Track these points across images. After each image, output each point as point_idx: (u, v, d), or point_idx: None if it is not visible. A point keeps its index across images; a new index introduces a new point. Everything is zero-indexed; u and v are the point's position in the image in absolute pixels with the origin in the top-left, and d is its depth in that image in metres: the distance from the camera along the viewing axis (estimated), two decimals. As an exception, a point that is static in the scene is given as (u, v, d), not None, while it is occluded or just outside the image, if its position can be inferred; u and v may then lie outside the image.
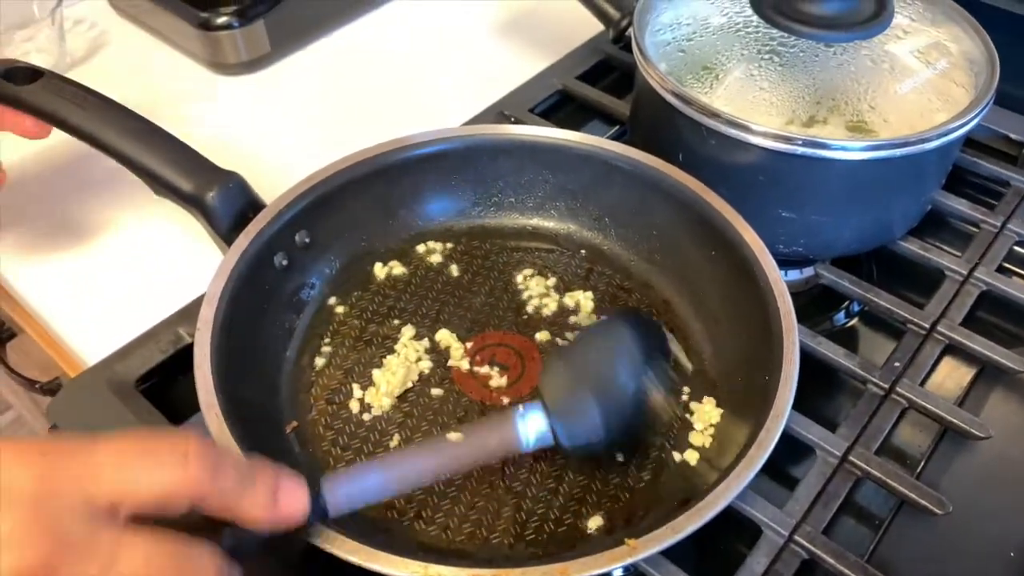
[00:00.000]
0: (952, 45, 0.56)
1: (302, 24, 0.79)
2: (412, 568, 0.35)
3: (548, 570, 0.35)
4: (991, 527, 0.47)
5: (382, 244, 0.57)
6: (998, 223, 0.59)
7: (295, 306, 0.53)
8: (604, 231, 0.57)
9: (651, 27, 0.58)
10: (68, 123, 0.51)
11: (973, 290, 0.55)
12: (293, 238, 0.52)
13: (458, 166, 0.57)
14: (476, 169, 0.57)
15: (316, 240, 0.53)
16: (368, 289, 0.55)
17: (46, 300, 0.57)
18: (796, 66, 0.53)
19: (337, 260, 0.55)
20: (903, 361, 0.51)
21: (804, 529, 0.43)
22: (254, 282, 0.49)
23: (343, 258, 0.55)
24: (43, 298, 0.57)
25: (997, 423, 0.49)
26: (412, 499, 0.45)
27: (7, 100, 0.52)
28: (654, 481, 0.45)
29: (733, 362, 0.48)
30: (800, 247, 0.55)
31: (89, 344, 0.54)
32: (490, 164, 0.57)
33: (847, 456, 0.46)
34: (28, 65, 0.53)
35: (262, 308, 0.50)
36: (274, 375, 0.50)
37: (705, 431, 0.47)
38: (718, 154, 0.53)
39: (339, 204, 0.54)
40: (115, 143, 0.51)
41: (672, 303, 0.53)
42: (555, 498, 0.45)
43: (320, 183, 0.53)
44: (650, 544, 0.36)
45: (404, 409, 0.49)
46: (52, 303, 0.57)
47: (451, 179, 0.57)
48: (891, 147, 0.49)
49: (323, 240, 0.54)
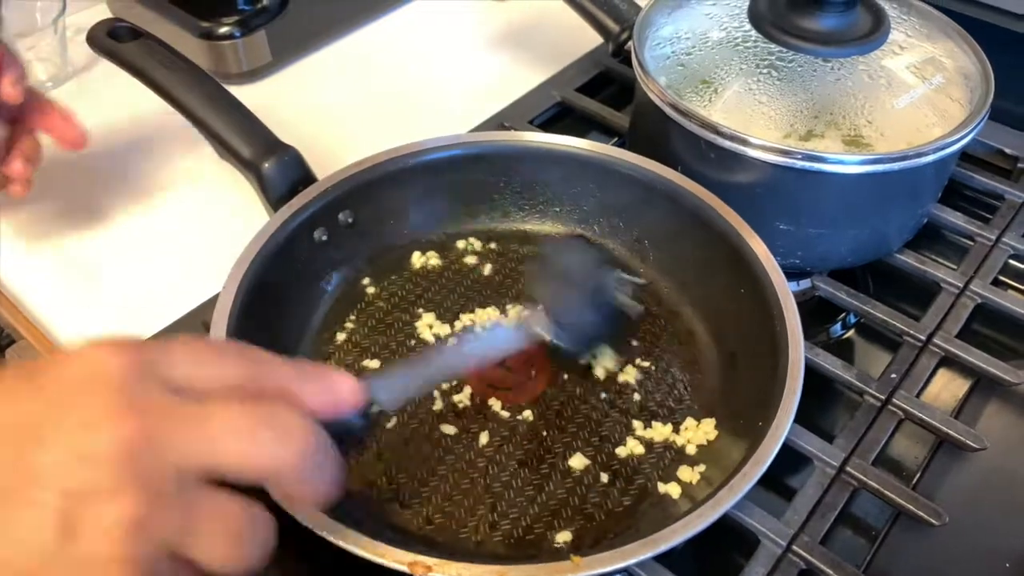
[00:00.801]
0: (947, 60, 0.57)
1: (303, 34, 0.79)
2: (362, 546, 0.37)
3: (487, 570, 0.36)
4: (987, 538, 0.47)
5: (424, 235, 0.58)
6: (993, 236, 0.60)
7: (327, 279, 0.55)
8: (642, 254, 0.57)
9: (651, 41, 0.58)
10: (155, 81, 0.56)
11: (968, 303, 0.56)
12: (336, 216, 0.54)
13: (506, 170, 0.58)
14: (524, 175, 0.58)
15: (359, 221, 0.55)
16: (402, 275, 0.57)
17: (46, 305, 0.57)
18: (794, 80, 0.53)
19: (378, 243, 0.57)
20: (899, 373, 0.52)
21: (802, 539, 0.44)
22: (290, 250, 0.51)
23: (384, 241, 0.57)
24: (43, 303, 0.57)
25: (993, 435, 0.50)
26: (394, 481, 0.46)
27: (109, 54, 0.57)
28: (633, 508, 0.45)
29: (741, 399, 0.48)
30: (797, 259, 0.55)
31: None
32: (539, 171, 0.58)
33: (844, 467, 0.47)
34: (131, 25, 0.58)
35: (294, 275, 0.52)
36: (294, 341, 0.52)
37: (695, 468, 0.46)
38: (716, 167, 0.53)
39: (387, 191, 0.56)
40: (191, 104, 0.55)
41: (695, 334, 0.53)
42: (531, 506, 0.45)
43: (372, 168, 0.55)
44: (593, 564, 0.37)
45: None
46: (52, 309, 0.57)
47: (499, 181, 0.59)
48: (888, 161, 0.50)
49: (366, 222, 0.56)
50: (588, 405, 0.50)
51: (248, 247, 0.50)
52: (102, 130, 0.71)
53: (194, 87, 0.55)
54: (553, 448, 0.48)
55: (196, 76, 0.56)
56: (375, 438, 0.48)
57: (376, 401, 0.37)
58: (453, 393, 0.50)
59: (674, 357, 0.52)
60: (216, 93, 0.55)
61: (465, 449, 0.47)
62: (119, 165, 0.68)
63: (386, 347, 0.53)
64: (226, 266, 0.49)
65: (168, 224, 0.61)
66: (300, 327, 0.53)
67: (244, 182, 0.54)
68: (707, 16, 0.59)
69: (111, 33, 0.58)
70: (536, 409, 0.49)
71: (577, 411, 0.49)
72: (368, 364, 0.51)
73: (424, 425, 0.48)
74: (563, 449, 0.47)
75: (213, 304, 0.47)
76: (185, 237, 0.62)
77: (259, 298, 0.48)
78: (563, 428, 0.48)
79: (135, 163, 0.68)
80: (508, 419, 0.49)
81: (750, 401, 0.47)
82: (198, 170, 0.67)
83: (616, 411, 0.49)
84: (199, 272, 0.59)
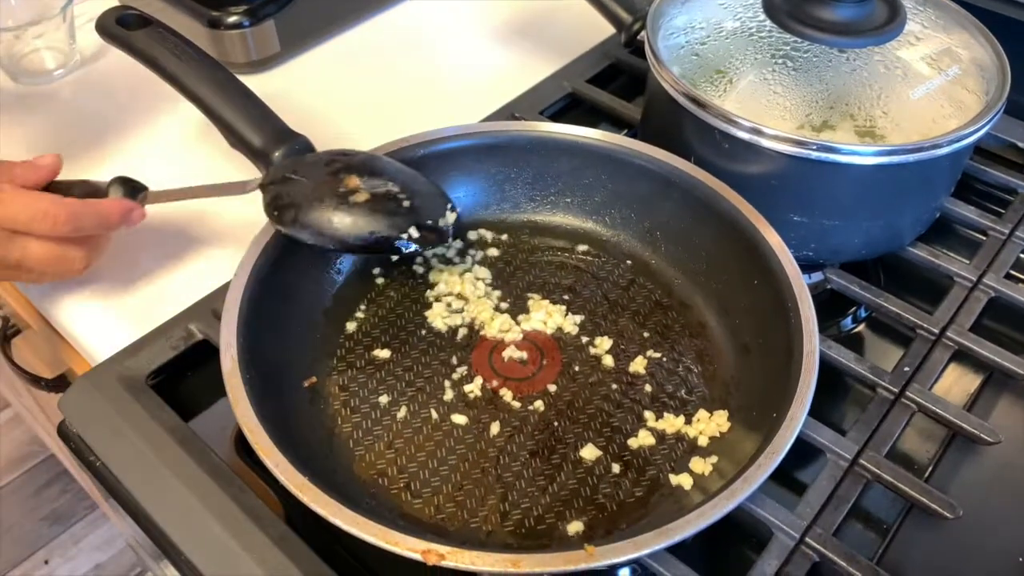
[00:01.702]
0: (963, 52, 0.56)
1: (312, 24, 0.79)
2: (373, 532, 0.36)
3: (500, 559, 0.36)
4: (999, 532, 0.47)
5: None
6: (1006, 231, 0.59)
7: (337, 269, 0.55)
8: (654, 245, 0.57)
9: (664, 31, 0.58)
10: (165, 69, 0.55)
11: (982, 296, 0.55)
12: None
13: (517, 160, 0.58)
14: (536, 165, 0.58)
15: None
16: (411, 264, 0.56)
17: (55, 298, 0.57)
18: (809, 71, 0.53)
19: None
20: (912, 366, 0.51)
21: (815, 532, 0.43)
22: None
23: None
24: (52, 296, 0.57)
25: (1005, 429, 0.49)
26: (404, 470, 0.46)
27: (118, 41, 0.57)
28: (645, 499, 0.45)
29: (754, 391, 0.48)
30: (810, 251, 0.55)
31: (98, 341, 0.54)
32: (551, 162, 0.58)
33: (857, 459, 0.46)
34: (141, 12, 0.58)
35: (304, 264, 0.52)
36: (305, 330, 0.52)
37: (707, 459, 0.46)
38: (730, 157, 0.53)
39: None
40: (201, 93, 0.54)
41: (708, 327, 0.53)
42: (542, 496, 0.45)
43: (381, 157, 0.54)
44: (608, 554, 0.37)
45: (418, 384, 0.50)
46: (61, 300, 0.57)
47: (510, 171, 0.58)
48: (903, 152, 0.50)
49: None
50: (599, 396, 0.49)
51: (258, 236, 0.50)
52: (111, 118, 0.71)
53: (204, 75, 0.55)
54: (564, 438, 0.47)
55: (207, 64, 0.55)
56: (385, 428, 0.47)
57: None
58: (464, 383, 0.50)
59: (686, 348, 0.52)
60: (227, 81, 0.55)
61: (476, 439, 0.47)
62: (127, 154, 0.68)
63: (396, 337, 0.52)
64: (237, 255, 0.49)
65: (179, 212, 0.61)
66: (310, 316, 0.52)
67: (255, 171, 0.54)
68: (721, 6, 0.58)
69: (120, 21, 0.57)
70: (547, 399, 0.49)
71: (589, 402, 0.49)
72: (379, 353, 0.51)
73: (435, 415, 0.48)
74: (574, 439, 0.47)
75: (223, 293, 0.47)
76: (195, 226, 0.61)
77: (269, 287, 0.48)
78: (575, 419, 0.48)
79: (143, 152, 0.68)
80: (519, 409, 0.49)
81: (763, 393, 0.46)
82: (208, 158, 0.67)
83: (628, 402, 0.49)
84: (209, 261, 0.59)
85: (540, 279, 0.56)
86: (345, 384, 0.50)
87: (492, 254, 0.57)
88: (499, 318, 0.53)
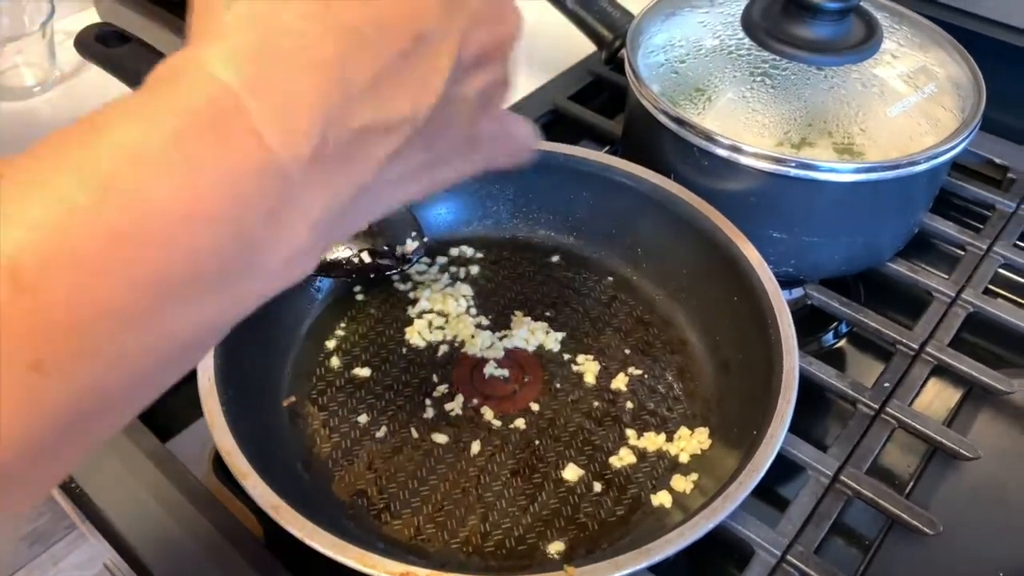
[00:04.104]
0: (939, 70, 0.57)
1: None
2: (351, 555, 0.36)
3: None
4: (980, 547, 0.47)
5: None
6: (984, 246, 0.60)
7: (317, 286, 0.55)
8: (635, 262, 0.57)
9: (644, 48, 0.58)
10: None
11: (960, 312, 0.56)
12: None
13: (499, 177, 0.57)
14: (517, 182, 0.58)
15: None
16: (391, 282, 0.56)
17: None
18: (788, 89, 0.53)
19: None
20: (892, 382, 0.51)
21: (796, 549, 0.43)
22: None
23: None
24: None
25: (985, 444, 0.49)
26: (384, 490, 0.45)
27: (98, 58, 0.56)
28: (626, 517, 0.45)
29: (734, 408, 0.48)
30: (790, 267, 0.55)
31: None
32: (533, 179, 0.57)
33: (838, 476, 0.46)
34: (120, 29, 0.57)
35: None
36: (285, 347, 0.52)
37: (688, 477, 0.46)
38: (710, 175, 0.53)
39: None
40: None
41: (689, 343, 0.53)
42: (523, 516, 0.45)
43: None
44: (587, 574, 0.36)
45: (398, 403, 0.49)
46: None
47: (492, 188, 0.58)
48: (882, 169, 0.50)
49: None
50: (581, 413, 0.49)
51: None
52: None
53: None
54: (546, 457, 0.47)
55: None
56: (365, 447, 0.47)
57: None
58: (445, 401, 0.49)
59: (667, 365, 0.52)
60: None
61: (456, 458, 0.47)
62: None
63: (377, 355, 0.52)
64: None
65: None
66: (290, 334, 0.52)
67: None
68: (701, 24, 0.59)
69: (99, 37, 0.57)
70: (529, 418, 0.49)
71: (570, 420, 0.49)
72: (359, 372, 0.51)
73: (415, 434, 0.48)
74: (556, 458, 0.47)
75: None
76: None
77: None
78: (556, 437, 0.48)
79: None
80: (500, 428, 0.48)
81: (744, 410, 0.46)
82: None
83: (609, 420, 0.49)
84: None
85: (522, 296, 0.56)
86: (324, 404, 0.49)
87: (474, 271, 0.57)
88: (481, 335, 0.53)
